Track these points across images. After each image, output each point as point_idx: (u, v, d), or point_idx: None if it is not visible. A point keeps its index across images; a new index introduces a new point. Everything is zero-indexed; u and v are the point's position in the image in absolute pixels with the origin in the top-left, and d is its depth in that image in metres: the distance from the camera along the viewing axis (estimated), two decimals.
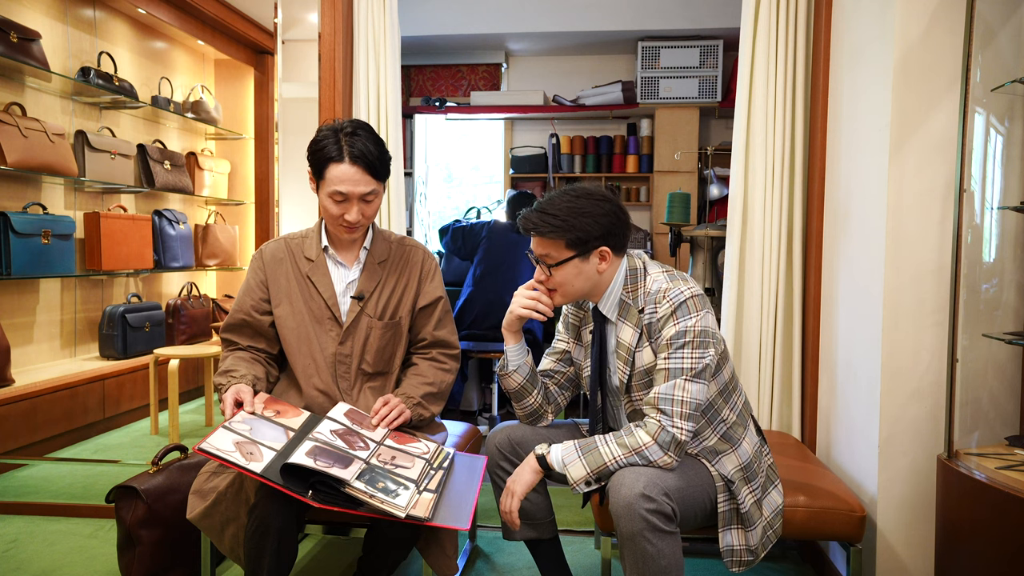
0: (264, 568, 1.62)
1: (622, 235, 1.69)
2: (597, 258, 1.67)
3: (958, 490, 1.61)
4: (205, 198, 4.67)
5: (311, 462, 1.52)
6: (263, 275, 1.92)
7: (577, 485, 1.59)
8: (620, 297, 1.71)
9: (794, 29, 2.39)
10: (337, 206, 1.81)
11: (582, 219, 1.64)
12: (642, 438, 1.57)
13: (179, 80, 4.54)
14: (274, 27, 3.08)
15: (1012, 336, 1.71)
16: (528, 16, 5.09)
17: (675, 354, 1.60)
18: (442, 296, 2.00)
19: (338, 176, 1.77)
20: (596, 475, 1.58)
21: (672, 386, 1.59)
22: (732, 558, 1.66)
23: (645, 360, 1.68)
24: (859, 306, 2.03)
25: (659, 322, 1.64)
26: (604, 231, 1.65)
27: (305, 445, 1.58)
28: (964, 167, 1.67)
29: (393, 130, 2.67)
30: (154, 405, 3.48)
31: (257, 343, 1.92)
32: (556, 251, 1.67)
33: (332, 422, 1.73)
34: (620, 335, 1.71)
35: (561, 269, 1.68)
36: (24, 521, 2.56)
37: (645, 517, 1.49)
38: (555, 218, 1.64)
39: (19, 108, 3.23)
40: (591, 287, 1.71)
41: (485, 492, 2.79)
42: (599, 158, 5.54)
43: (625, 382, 1.71)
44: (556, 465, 1.61)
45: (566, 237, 1.64)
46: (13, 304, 3.38)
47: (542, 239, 1.67)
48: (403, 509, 1.53)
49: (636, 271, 1.72)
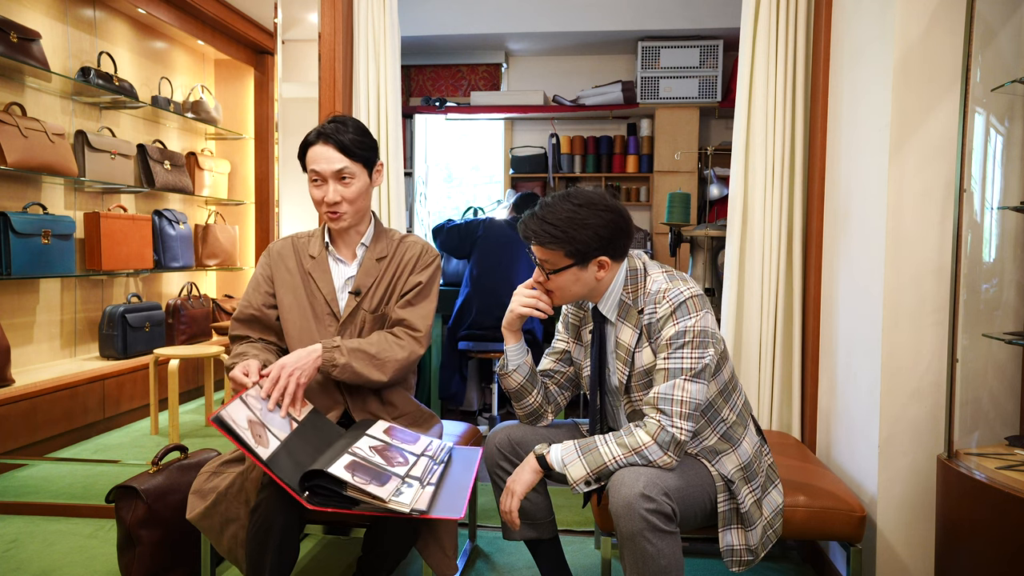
0: (266, 567, 1.62)
1: (622, 244, 1.68)
2: (596, 267, 1.67)
3: (958, 490, 1.61)
4: (205, 198, 4.67)
5: (349, 477, 1.51)
6: (269, 271, 1.97)
7: (577, 485, 1.59)
8: (620, 298, 1.71)
9: (794, 29, 2.39)
10: (317, 190, 1.87)
11: (582, 231, 1.62)
12: (642, 438, 1.57)
13: (179, 80, 4.54)
14: (274, 27, 3.08)
15: (1012, 336, 1.71)
16: (528, 16, 5.09)
17: (675, 354, 1.60)
18: (422, 281, 1.95)
19: (312, 157, 1.85)
20: (596, 475, 1.58)
21: (672, 386, 1.59)
22: (732, 558, 1.66)
23: (644, 360, 1.68)
24: (859, 306, 2.03)
25: (659, 322, 1.64)
26: (603, 242, 1.64)
27: (344, 459, 1.57)
28: (964, 167, 1.67)
29: (393, 130, 2.67)
30: (154, 405, 3.48)
31: (267, 336, 1.95)
32: (555, 259, 1.66)
33: (371, 439, 1.72)
34: (620, 335, 1.71)
35: (559, 276, 1.68)
36: (24, 521, 2.56)
37: (645, 517, 1.49)
38: (555, 228, 1.63)
39: (19, 108, 3.23)
40: (589, 291, 1.72)
41: (484, 492, 2.79)
42: (599, 158, 5.54)
43: (624, 382, 1.71)
44: (556, 465, 1.61)
45: (564, 248, 1.64)
46: (13, 304, 3.38)
47: (541, 247, 1.67)
48: (407, 506, 1.53)
49: (636, 272, 1.71)
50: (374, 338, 1.88)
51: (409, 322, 1.91)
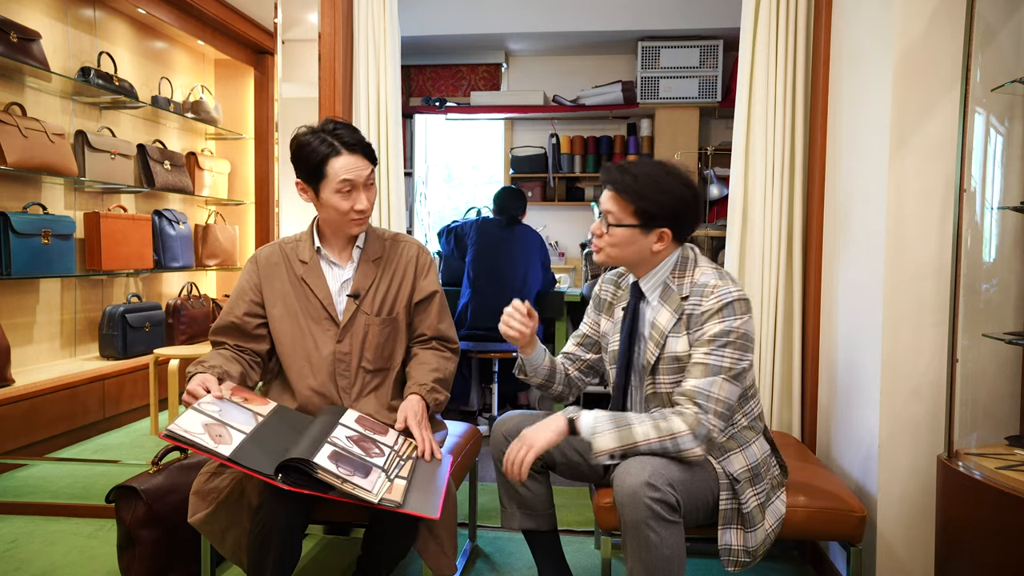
0: (268, 568, 1.62)
1: (688, 225, 1.70)
2: (656, 237, 1.68)
3: (958, 490, 1.61)
4: (205, 198, 4.67)
5: (334, 467, 1.54)
6: (257, 279, 1.93)
7: (600, 456, 1.58)
8: (665, 280, 1.72)
9: (794, 29, 2.39)
10: (346, 199, 1.83)
11: (658, 194, 1.64)
12: (678, 426, 1.57)
13: (179, 80, 4.54)
14: (274, 27, 3.08)
15: (1012, 336, 1.71)
16: (528, 16, 5.09)
17: (716, 351, 1.61)
18: (437, 290, 2.02)
19: (342, 166, 1.81)
20: (622, 451, 1.57)
21: (711, 383, 1.59)
22: (729, 557, 1.66)
23: (678, 347, 1.68)
24: (859, 306, 2.03)
25: (703, 315, 1.64)
26: (673, 215, 1.66)
27: (325, 448, 1.59)
28: (964, 167, 1.67)
29: (393, 130, 2.67)
30: (154, 405, 3.48)
31: (245, 343, 1.92)
32: (621, 213, 1.67)
33: (346, 428, 1.73)
34: (656, 317, 1.72)
35: (619, 232, 1.68)
36: (24, 521, 2.56)
37: (649, 506, 1.49)
38: (635, 180, 1.64)
39: (19, 108, 3.23)
40: (639, 260, 1.72)
41: (484, 492, 2.79)
42: (599, 158, 5.53)
43: (652, 363, 1.71)
44: (585, 431, 1.59)
45: (636, 204, 1.64)
46: (13, 304, 3.38)
47: (614, 195, 1.67)
48: (374, 495, 1.54)
49: (687, 260, 1.72)
50: (429, 358, 1.96)
51: (446, 335, 2.01)
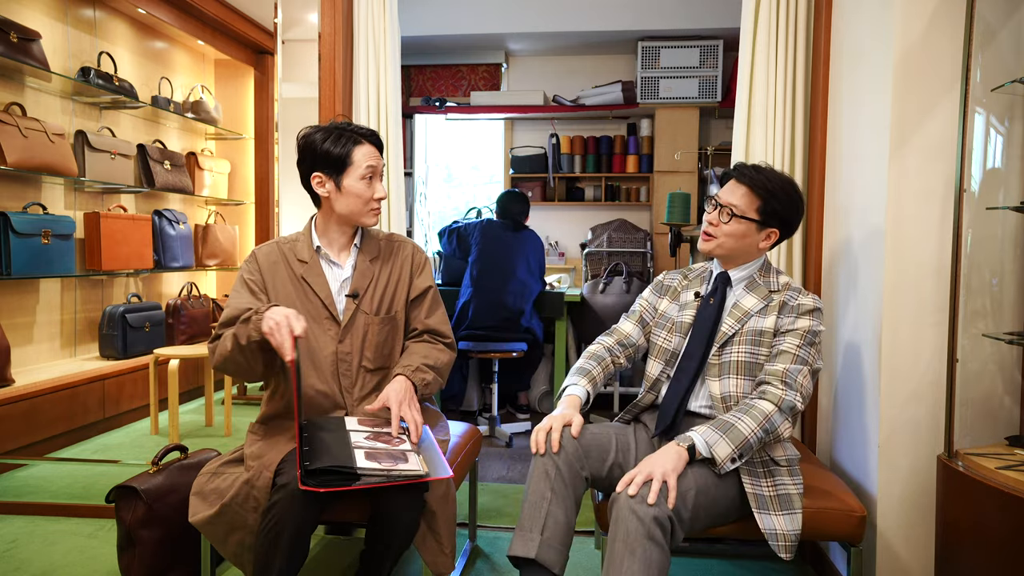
0: (274, 568, 1.62)
1: (790, 233, 1.87)
2: (765, 235, 1.82)
3: (958, 490, 1.61)
4: (205, 198, 4.67)
5: (376, 465, 1.61)
6: (259, 276, 1.92)
7: (724, 464, 1.62)
8: (753, 275, 1.86)
9: (794, 29, 2.39)
10: (369, 186, 1.90)
11: (784, 199, 1.79)
12: (766, 407, 1.67)
13: (179, 80, 4.54)
14: (274, 27, 3.09)
15: (1012, 336, 1.71)
16: (528, 16, 5.10)
17: (806, 347, 1.74)
18: (431, 286, 2.03)
19: (365, 154, 1.90)
20: (740, 451, 1.62)
21: (799, 371, 1.72)
22: (778, 543, 1.64)
23: (764, 325, 1.79)
24: (859, 306, 2.03)
25: (799, 307, 1.78)
26: (786, 220, 1.82)
27: (357, 453, 1.64)
28: (964, 167, 1.67)
29: (393, 130, 2.67)
30: (154, 405, 3.48)
31: None
32: (744, 207, 1.80)
33: (358, 433, 1.75)
34: (741, 300, 1.84)
35: (736, 224, 1.80)
36: (24, 521, 2.56)
37: (643, 521, 1.48)
38: (769, 181, 1.79)
39: (19, 108, 3.23)
40: (741, 253, 1.84)
41: (484, 492, 2.79)
42: (599, 158, 5.54)
43: (728, 335, 1.80)
44: (703, 450, 1.63)
45: (763, 200, 1.78)
46: (13, 304, 3.38)
47: (747, 191, 1.79)
48: (422, 471, 1.63)
49: (769, 265, 1.89)
50: (419, 348, 1.97)
51: (437, 330, 2.02)
